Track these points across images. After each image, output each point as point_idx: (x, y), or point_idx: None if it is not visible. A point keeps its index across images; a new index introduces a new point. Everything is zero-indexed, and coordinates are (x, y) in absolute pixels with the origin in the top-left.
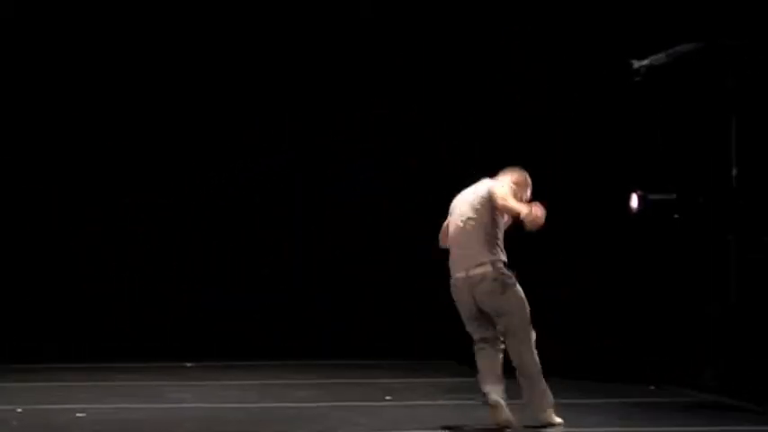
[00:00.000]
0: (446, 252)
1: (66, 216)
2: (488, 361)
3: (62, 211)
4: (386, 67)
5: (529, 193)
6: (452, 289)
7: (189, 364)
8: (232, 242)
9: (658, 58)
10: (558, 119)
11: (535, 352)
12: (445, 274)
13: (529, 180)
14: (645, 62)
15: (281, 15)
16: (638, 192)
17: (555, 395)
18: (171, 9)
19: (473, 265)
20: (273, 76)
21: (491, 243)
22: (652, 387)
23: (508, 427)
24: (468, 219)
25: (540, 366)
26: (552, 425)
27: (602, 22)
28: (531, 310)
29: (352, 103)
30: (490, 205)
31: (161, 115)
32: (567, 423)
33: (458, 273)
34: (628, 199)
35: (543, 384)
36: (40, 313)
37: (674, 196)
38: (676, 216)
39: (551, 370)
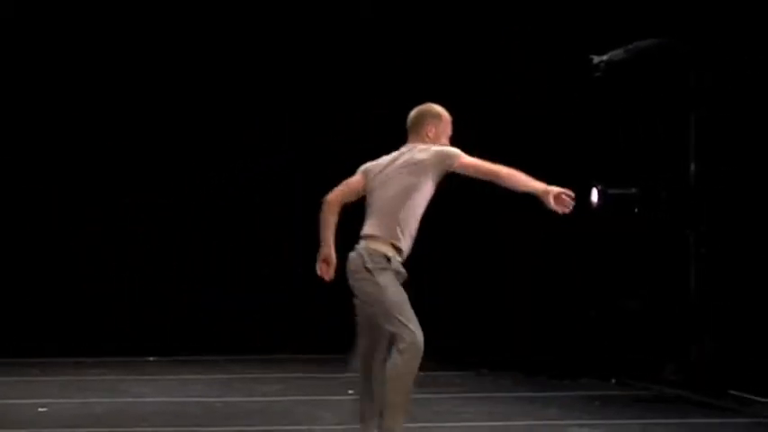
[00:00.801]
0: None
1: (66, 216)
2: None
3: (62, 211)
4: (386, 67)
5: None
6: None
7: (151, 358)
8: (232, 242)
9: (617, 53)
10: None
11: None
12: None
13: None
14: (604, 57)
15: (281, 15)
16: (599, 186)
17: (519, 389)
18: (171, 9)
19: None
20: (273, 76)
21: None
22: (613, 381)
23: None
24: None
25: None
26: None
27: (562, 17)
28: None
29: (352, 103)
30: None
31: (161, 115)
32: (528, 416)
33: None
34: (588, 194)
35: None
36: (39, 313)
37: (633, 191)
38: (636, 210)
39: (514, 364)
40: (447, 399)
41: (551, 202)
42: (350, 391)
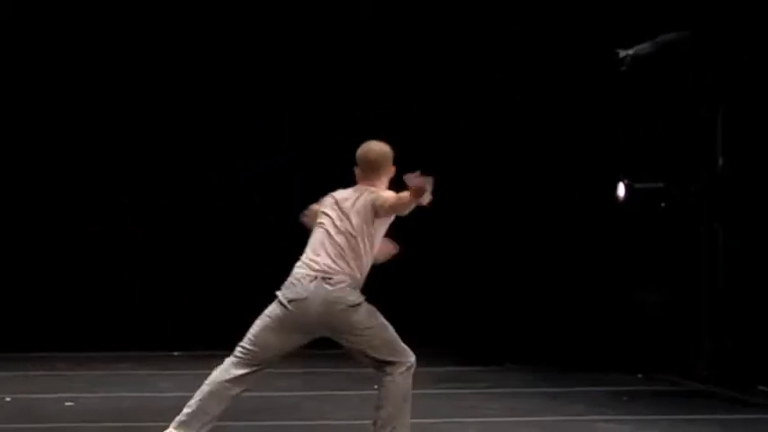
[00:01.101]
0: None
1: (66, 216)
2: None
3: (62, 211)
4: (386, 67)
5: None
6: None
7: (176, 353)
8: (232, 242)
9: (643, 47)
10: (547, 109)
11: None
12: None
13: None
14: (630, 51)
15: (281, 15)
16: (625, 181)
17: (544, 384)
18: (171, 9)
19: None
20: (273, 76)
21: None
22: (640, 376)
23: None
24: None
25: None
26: None
27: (588, 12)
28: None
29: (352, 103)
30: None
31: (161, 115)
32: (554, 412)
33: None
34: (615, 188)
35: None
36: (39, 313)
37: (660, 185)
38: (663, 205)
39: (540, 358)
40: (471, 394)
41: (418, 201)
42: (375, 386)
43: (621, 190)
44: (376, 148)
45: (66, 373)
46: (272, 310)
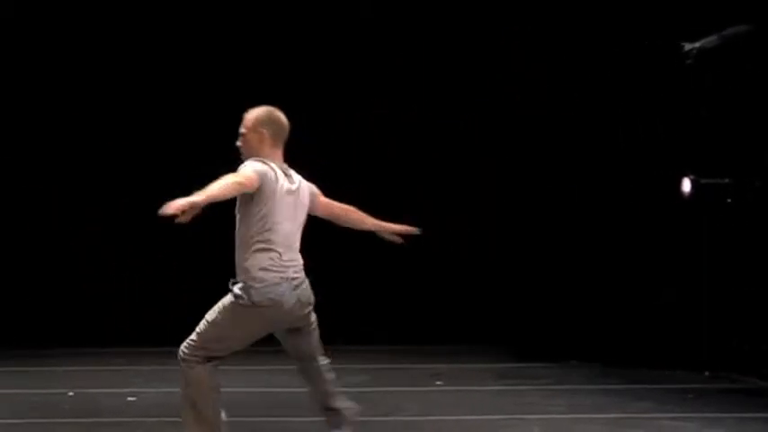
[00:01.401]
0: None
1: (66, 216)
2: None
3: (62, 211)
4: (386, 67)
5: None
6: None
7: None
8: (232, 242)
9: (710, 40)
10: (547, 109)
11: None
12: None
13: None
14: (696, 44)
15: (282, 15)
16: (691, 176)
17: (608, 381)
18: (171, 9)
19: None
20: (273, 76)
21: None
22: (707, 373)
23: None
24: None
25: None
26: None
27: (653, 5)
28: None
29: (352, 103)
30: None
31: (161, 115)
32: (618, 409)
33: None
34: (680, 183)
35: None
36: (39, 313)
37: (726, 181)
38: (729, 201)
39: (605, 355)
40: (534, 391)
41: (385, 237)
42: (438, 382)
43: (687, 185)
44: (280, 112)
45: (125, 368)
46: (241, 313)
